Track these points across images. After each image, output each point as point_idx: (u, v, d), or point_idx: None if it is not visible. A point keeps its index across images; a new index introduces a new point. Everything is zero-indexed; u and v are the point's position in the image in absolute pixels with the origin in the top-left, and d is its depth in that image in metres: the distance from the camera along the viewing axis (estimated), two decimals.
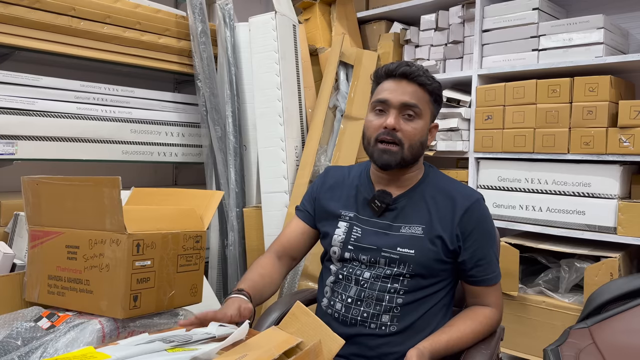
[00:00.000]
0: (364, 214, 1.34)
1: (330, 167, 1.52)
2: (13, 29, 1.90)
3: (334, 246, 1.35)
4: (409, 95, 1.27)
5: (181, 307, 1.36)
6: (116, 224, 1.19)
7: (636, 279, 1.76)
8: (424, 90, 1.29)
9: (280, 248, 1.44)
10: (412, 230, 1.28)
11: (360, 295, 1.28)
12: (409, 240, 1.27)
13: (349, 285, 1.30)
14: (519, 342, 2.13)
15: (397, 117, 1.27)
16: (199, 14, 2.34)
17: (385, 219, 1.32)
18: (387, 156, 1.27)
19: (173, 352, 0.91)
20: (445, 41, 2.53)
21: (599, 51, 2.06)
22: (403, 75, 1.28)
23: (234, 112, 2.38)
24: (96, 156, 2.16)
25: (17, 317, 1.21)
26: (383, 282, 1.27)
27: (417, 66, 1.30)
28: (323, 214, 1.41)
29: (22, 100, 1.96)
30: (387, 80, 1.31)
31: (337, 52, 2.49)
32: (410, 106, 1.26)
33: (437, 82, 1.32)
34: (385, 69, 1.31)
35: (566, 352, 1.61)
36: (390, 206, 1.32)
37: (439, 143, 2.43)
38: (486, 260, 1.29)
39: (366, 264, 1.30)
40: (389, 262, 1.27)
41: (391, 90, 1.28)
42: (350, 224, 1.34)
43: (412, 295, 1.27)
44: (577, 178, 2.08)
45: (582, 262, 2.03)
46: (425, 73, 1.30)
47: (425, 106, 1.29)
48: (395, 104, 1.27)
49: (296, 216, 1.48)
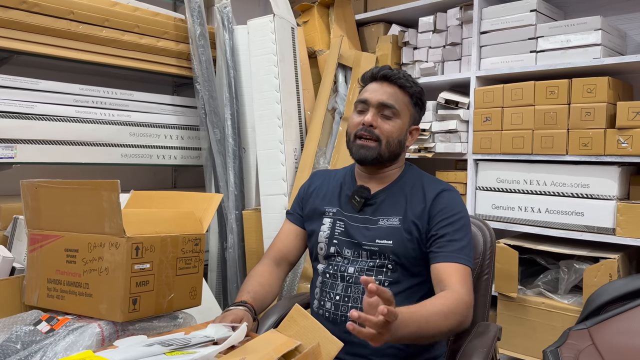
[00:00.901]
0: (346, 210, 1.40)
1: (318, 170, 1.57)
2: (12, 32, 1.90)
3: (320, 242, 1.40)
4: (387, 95, 1.35)
5: (180, 310, 1.36)
6: (115, 228, 1.19)
7: (635, 280, 1.77)
8: (403, 93, 1.37)
9: (277, 254, 1.48)
10: (389, 222, 1.33)
11: (347, 291, 1.31)
12: (387, 232, 1.32)
13: (335, 283, 1.34)
14: (518, 343, 2.13)
15: (376, 116, 1.34)
16: (198, 16, 2.35)
17: (365, 213, 1.37)
18: (364, 151, 1.34)
19: (172, 356, 0.91)
20: (443, 43, 2.53)
21: (596, 52, 2.07)
22: (384, 77, 1.37)
23: (232, 114, 2.39)
24: (95, 159, 2.16)
25: (16, 320, 1.21)
26: (367, 274, 1.31)
27: (399, 71, 1.39)
28: (310, 213, 1.47)
29: (21, 104, 1.96)
30: (371, 83, 1.40)
31: (335, 55, 2.49)
32: (387, 106, 1.34)
33: (419, 87, 1.40)
34: (369, 72, 1.41)
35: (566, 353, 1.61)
36: (369, 201, 1.38)
37: (437, 145, 2.43)
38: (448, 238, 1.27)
39: (349, 258, 1.34)
40: (370, 254, 1.32)
41: (371, 91, 1.37)
42: (334, 219, 1.40)
43: (397, 287, 1.29)
44: (575, 179, 2.08)
45: (581, 263, 2.03)
46: (407, 77, 1.38)
47: (404, 108, 1.37)
48: (373, 103, 1.35)
49: (288, 220, 1.53)
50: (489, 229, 1.56)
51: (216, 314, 1.74)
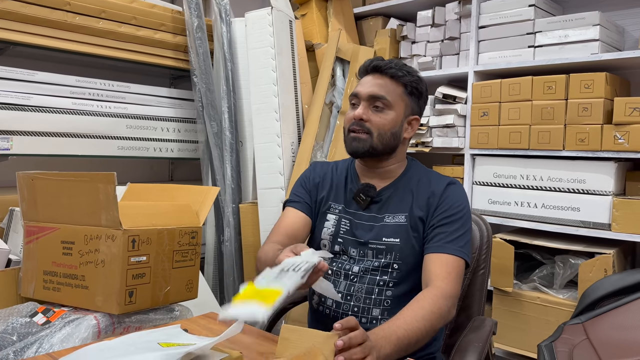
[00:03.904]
0: (351, 207, 1.37)
1: (317, 162, 1.54)
2: (8, 23, 1.89)
3: (323, 239, 1.37)
4: (377, 87, 1.32)
5: (177, 303, 1.36)
6: (111, 220, 1.19)
7: (630, 275, 1.78)
8: (396, 83, 1.33)
9: (283, 238, 1.35)
10: (396, 220, 1.31)
11: (350, 289, 1.30)
12: (394, 229, 1.30)
13: (338, 280, 1.32)
14: (514, 337, 2.14)
15: (366, 109, 1.32)
16: (195, 9, 2.34)
17: (370, 211, 1.35)
18: (356, 143, 1.32)
19: (167, 347, 0.91)
20: (441, 37, 2.53)
21: (594, 48, 2.07)
22: (375, 69, 1.34)
23: (230, 107, 2.38)
24: (91, 152, 2.15)
25: (12, 312, 1.21)
26: (372, 275, 1.29)
27: (391, 60, 1.35)
28: (317, 206, 1.43)
29: (17, 96, 1.95)
30: (365, 76, 1.37)
31: (333, 48, 2.48)
32: (377, 97, 1.31)
33: (415, 75, 1.35)
34: (362, 65, 1.38)
35: (560, 347, 1.62)
36: (375, 199, 1.35)
37: (434, 139, 2.44)
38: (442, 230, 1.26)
39: (355, 257, 1.32)
40: (376, 253, 1.30)
41: (363, 84, 1.34)
42: (339, 217, 1.37)
43: (401, 288, 1.28)
44: (572, 175, 2.08)
45: (576, 259, 2.04)
46: (400, 66, 1.33)
47: (397, 98, 1.32)
48: (363, 95, 1.32)
49: (292, 208, 1.42)
50: (486, 223, 1.56)
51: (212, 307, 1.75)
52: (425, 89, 1.39)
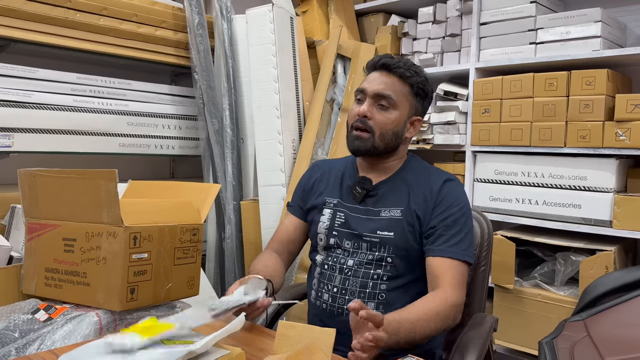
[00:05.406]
0: (347, 201, 1.38)
1: (318, 161, 1.56)
2: (9, 20, 1.89)
3: (319, 233, 1.39)
4: (384, 85, 1.31)
5: (178, 300, 1.36)
6: (113, 217, 1.19)
7: (631, 272, 1.77)
8: (403, 83, 1.33)
9: (278, 245, 1.47)
10: (391, 213, 1.31)
11: (345, 283, 1.31)
12: (388, 223, 1.30)
13: (333, 275, 1.33)
14: (514, 334, 2.14)
15: (371, 106, 1.32)
16: (196, 6, 2.33)
17: (366, 204, 1.36)
18: (358, 142, 1.33)
19: (170, 345, 0.91)
20: (442, 34, 2.52)
21: (596, 45, 2.06)
22: (383, 66, 1.34)
23: (231, 104, 2.38)
24: (93, 149, 2.15)
25: (14, 309, 1.21)
26: (366, 268, 1.30)
27: (400, 59, 1.34)
28: (311, 206, 1.45)
29: (18, 93, 1.95)
30: (372, 72, 1.36)
31: (334, 45, 2.48)
32: (383, 96, 1.31)
33: (422, 76, 1.35)
34: (371, 61, 1.37)
35: (561, 344, 1.62)
36: (371, 192, 1.36)
37: (436, 136, 2.43)
38: (445, 231, 1.27)
39: (349, 251, 1.33)
40: (370, 246, 1.31)
41: (370, 81, 1.34)
42: (334, 210, 1.38)
43: (395, 282, 1.29)
44: (573, 171, 2.08)
45: (577, 256, 2.04)
46: (408, 66, 1.33)
47: (402, 98, 1.33)
48: (370, 93, 1.32)
49: (289, 212, 1.52)
50: (487, 220, 1.56)
51: None
52: (431, 90, 1.39)
